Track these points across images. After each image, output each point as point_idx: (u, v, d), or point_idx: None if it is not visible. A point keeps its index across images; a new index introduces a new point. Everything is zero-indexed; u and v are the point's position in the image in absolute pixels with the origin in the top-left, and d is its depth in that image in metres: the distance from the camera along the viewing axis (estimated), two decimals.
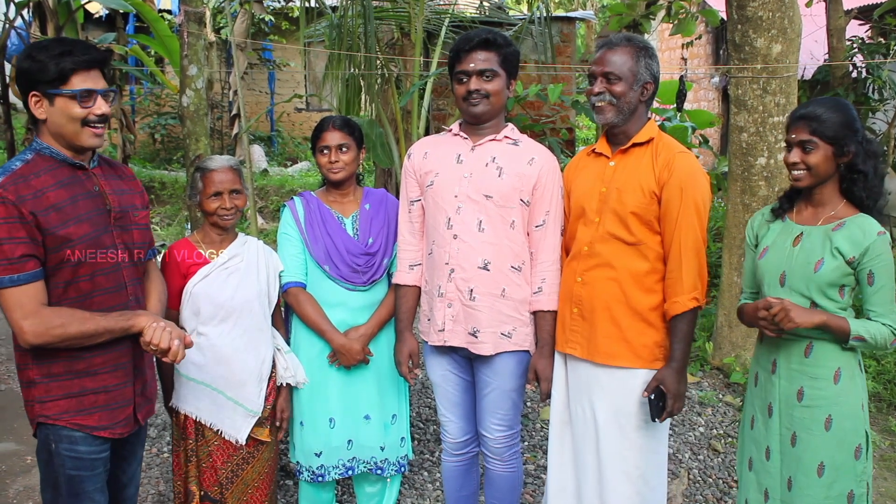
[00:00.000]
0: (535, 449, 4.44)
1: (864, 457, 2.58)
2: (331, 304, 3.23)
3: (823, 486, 2.58)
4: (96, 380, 2.44)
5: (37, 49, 2.36)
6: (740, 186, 5.14)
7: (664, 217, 2.74)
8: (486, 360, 3.03)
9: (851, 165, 2.57)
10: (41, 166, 2.34)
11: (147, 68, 10.67)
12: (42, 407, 2.39)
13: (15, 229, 2.22)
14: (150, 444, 4.45)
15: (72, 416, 2.41)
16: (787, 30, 4.89)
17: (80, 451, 2.44)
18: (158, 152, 14.50)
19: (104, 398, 2.47)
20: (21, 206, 2.23)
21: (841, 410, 2.57)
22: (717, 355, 5.49)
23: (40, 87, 2.33)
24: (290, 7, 13.89)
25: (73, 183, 2.39)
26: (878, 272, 2.50)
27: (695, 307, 2.74)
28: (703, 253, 2.75)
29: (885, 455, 4.48)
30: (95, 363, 2.43)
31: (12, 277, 2.23)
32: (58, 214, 2.31)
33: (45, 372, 2.38)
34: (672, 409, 2.74)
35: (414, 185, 3.14)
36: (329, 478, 3.32)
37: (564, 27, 8.29)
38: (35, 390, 2.40)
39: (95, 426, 2.45)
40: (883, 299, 2.51)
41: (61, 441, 2.42)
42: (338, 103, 6.64)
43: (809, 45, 8.75)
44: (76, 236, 2.34)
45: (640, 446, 2.83)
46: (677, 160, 2.74)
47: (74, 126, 2.36)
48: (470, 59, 2.94)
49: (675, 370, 2.74)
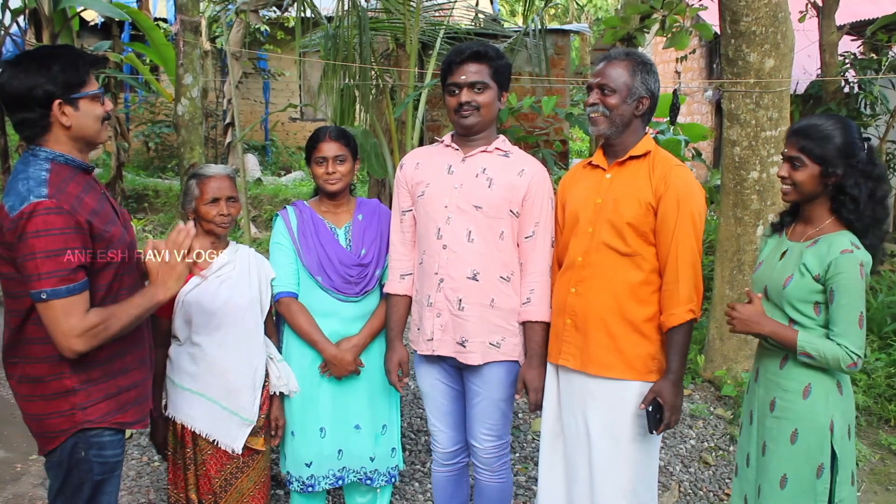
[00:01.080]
0: (527, 460, 4.43)
1: (827, 477, 2.55)
2: (323, 314, 3.23)
3: (785, 499, 2.59)
4: (128, 377, 2.49)
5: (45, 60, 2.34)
6: (732, 200, 5.16)
7: (661, 229, 2.75)
8: (475, 370, 3.04)
9: (840, 187, 2.56)
10: (64, 174, 2.34)
11: (142, 76, 10.66)
12: (84, 413, 2.39)
13: (72, 239, 2.24)
14: (140, 453, 4.43)
15: (113, 415, 2.44)
16: (780, 45, 4.91)
17: (106, 456, 2.47)
18: (152, 160, 14.47)
19: (135, 394, 2.52)
20: (77, 215, 2.26)
21: (806, 426, 2.56)
22: (708, 368, 5.49)
23: (65, 94, 2.34)
24: (286, 17, 13.90)
25: (91, 188, 2.42)
26: (838, 290, 2.47)
27: (691, 319, 2.75)
28: (699, 265, 2.76)
29: (875, 469, 4.48)
30: (128, 361, 2.49)
31: (69, 287, 2.24)
32: (100, 218, 2.35)
33: (84, 378, 2.38)
34: (669, 421, 2.74)
35: (405, 196, 3.15)
36: (319, 488, 3.31)
37: (559, 40, 8.33)
38: (75, 398, 2.38)
39: (132, 422, 2.52)
40: (842, 319, 2.47)
41: (91, 448, 2.43)
42: (332, 113, 6.66)
43: (802, 60, 8.78)
44: (116, 237, 2.39)
45: (632, 459, 2.83)
46: (674, 173, 2.75)
47: (97, 125, 2.43)
48: (461, 71, 2.96)
49: (671, 382, 2.75)
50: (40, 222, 2.21)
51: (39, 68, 2.33)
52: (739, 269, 5.19)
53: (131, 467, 4.29)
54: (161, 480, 4.10)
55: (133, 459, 4.37)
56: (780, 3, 4.87)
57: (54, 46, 2.58)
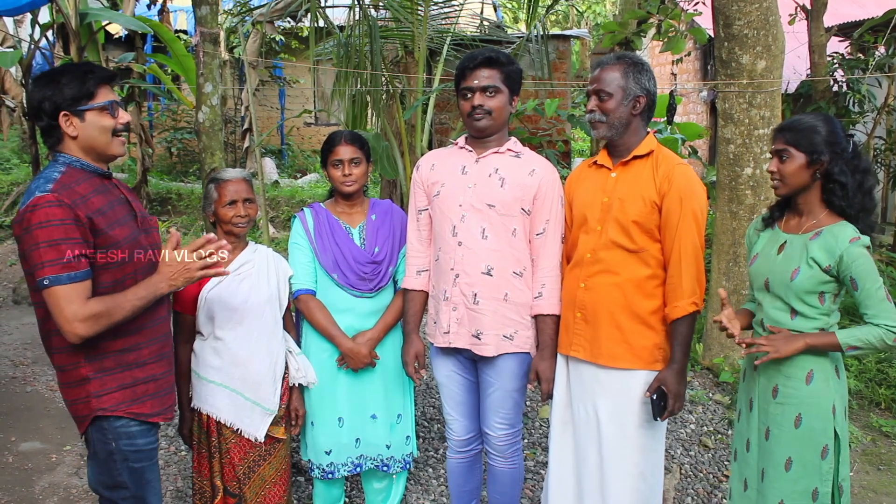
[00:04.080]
0: (535, 446, 4.44)
1: (831, 457, 2.56)
2: (339, 310, 3.24)
3: (790, 481, 2.59)
4: (145, 370, 2.50)
5: (56, 74, 2.42)
6: (728, 195, 5.15)
7: (664, 226, 2.75)
8: (490, 362, 3.04)
9: (828, 174, 2.56)
10: (76, 176, 2.39)
11: (164, 86, 10.69)
12: (98, 401, 2.41)
13: (71, 230, 2.27)
14: (168, 443, 4.46)
15: (128, 405, 2.45)
16: (771, 47, 4.90)
17: (139, 444, 2.50)
18: (175, 165, 14.50)
19: (154, 387, 2.53)
20: (76, 209, 2.28)
21: (810, 410, 2.56)
22: (707, 356, 5.49)
23: (70, 107, 2.38)
24: (300, 27, 13.91)
25: (106, 191, 2.45)
26: (859, 277, 2.46)
27: (694, 311, 2.75)
28: (701, 260, 2.76)
29: (867, 450, 4.48)
30: (143, 355, 2.49)
31: (70, 275, 2.26)
32: (104, 218, 2.36)
33: (97, 367, 2.41)
34: (673, 408, 2.75)
35: (422, 195, 3.16)
36: (338, 475, 3.33)
37: (560, 45, 8.30)
38: (90, 386, 2.41)
39: (150, 413, 2.51)
40: (872, 301, 2.47)
41: (121, 438, 2.45)
42: (345, 118, 6.65)
43: (792, 61, 8.76)
44: (122, 237, 2.40)
45: (640, 444, 2.83)
46: (677, 172, 2.75)
47: (106, 137, 2.44)
48: (474, 76, 2.96)
49: (675, 371, 2.75)
50: (42, 215, 2.25)
51: (49, 82, 2.40)
52: (735, 262, 5.18)
53: (160, 456, 4.31)
54: (188, 469, 4.12)
55: (161, 449, 4.39)
56: (770, 7, 4.86)
57: (72, 63, 2.60)
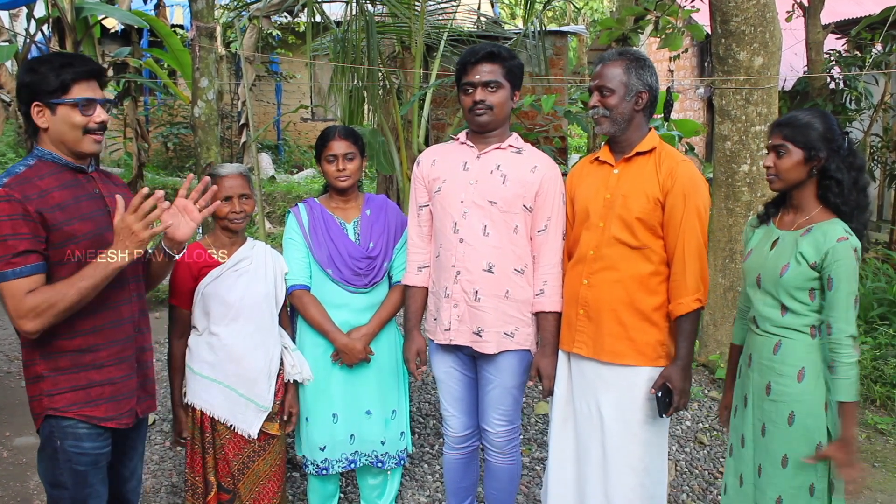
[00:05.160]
0: (530, 442, 4.42)
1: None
2: (334, 305, 3.22)
3: (787, 477, 2.58)
4: (102, 372, 2.42)
5: (38, 62, 2.37)
6: (724, 192, 5.14)
7: (668, 223, 2.74)
8: (490, 359, 3.02)
9: (824, 171, 2.54)
10: (44, 170, 2.34)
11: (160, 80, 10.65)
12: (50, 400, 2.36)
13: (19, 226, 2.22)
14: (163, 439, 4.43)
15: (79, 407, 2.38)
16: (768, 43, 4.88)
17: (85, 448, 2.41)
18: (171, 160, 14.48)
19: (110, 390, 2.44)
20: (27, 203, 2.23)
21: (803, 408, 2.54)
22: (702, 353, 5.48)
23: (42, 98, 2.33)
24: (297, 22, 13.87)
25: (75, 185, 2.39)
26: (837, 277, 2.44)
27: (698, 307, 2.73)
28: (704, 256, 2.75)
29: (862, 447, 4.47)
30: (101, 357, 2.41)
31: (15, 270, 2.21)
32: (63, 213, 2.30)
33: (52, 366, 2.36)
34: (678, 404, 2.74)
35: (423, 191, 3.13)
36: (333, 471, 3.31)
37: (557, 41, 8.28)
38: (43, 384, 2.36)
39: (102, 417, 2.42)
40: (840, 305, 2.45)
41: (67, 438, 2.39)
42: (342, 113, 6.64)
43: (789, 58, 8.74)
44: (80, 233, 2.33)
45: (643, 440, 2.82)
46: (680, 168, 2.73)
47: (76, 133, 2.36)
48: (475, 70, 2.93)
49: (680, 368, 2.74)
50: None
51: (29, 70, 2.35)
52: (731, 258, 5.16)
53: (155, 452, 4.29)
54: (183, 464, 4.10)
55: (156, 444, 4.38)
56: (767, 4, 4.85)
57: (63, 52, 2.56)
